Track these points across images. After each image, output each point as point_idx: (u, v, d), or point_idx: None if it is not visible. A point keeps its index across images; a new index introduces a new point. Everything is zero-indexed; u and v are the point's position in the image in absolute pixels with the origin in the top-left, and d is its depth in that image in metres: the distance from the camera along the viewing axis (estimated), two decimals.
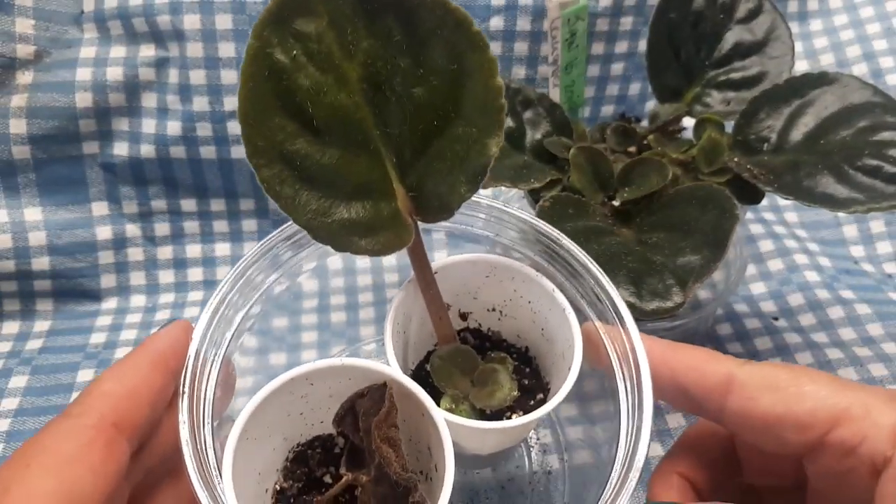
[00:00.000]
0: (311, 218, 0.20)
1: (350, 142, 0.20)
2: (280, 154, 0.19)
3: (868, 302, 0.42)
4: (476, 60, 0.19)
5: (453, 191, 0.21)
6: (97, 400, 0.18)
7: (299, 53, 0.19)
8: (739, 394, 0.19)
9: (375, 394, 0.21)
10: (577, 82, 0.41)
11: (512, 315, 0.28)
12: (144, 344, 0.20)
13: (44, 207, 0.43)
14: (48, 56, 0.42)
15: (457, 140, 0.20)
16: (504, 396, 0.24)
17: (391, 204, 0.21)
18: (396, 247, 0.21)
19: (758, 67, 0.38)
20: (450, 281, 0.25)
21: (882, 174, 0.31)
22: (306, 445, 0.25)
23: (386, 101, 0.20)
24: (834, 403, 0.18)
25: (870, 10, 0.52)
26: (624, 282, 0.28)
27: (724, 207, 0.31)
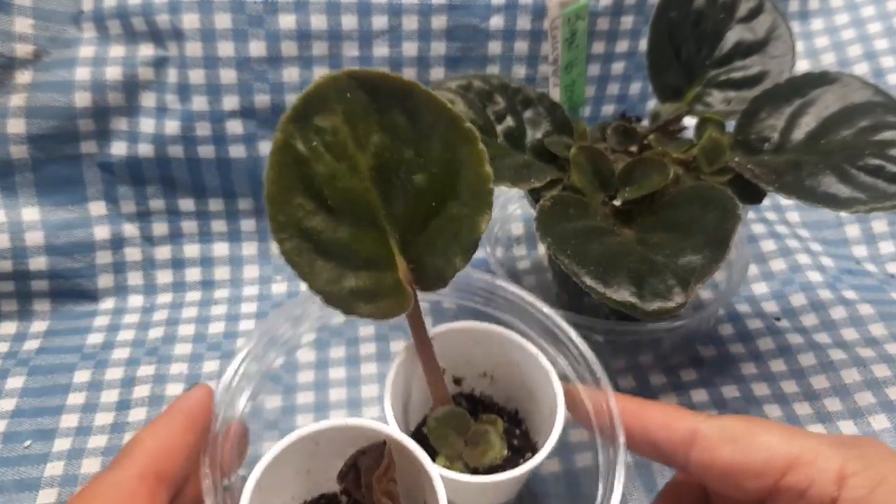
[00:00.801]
0: (325, 285, 0.23)
1: (360, 220, 0.23)
2: (299, 229, 0.23)
3: (871, 302, 0.42)
4: (468, 152, 0.23)
5: (448, 263, 0.24)
6: (140, 454, 0.21)
7: (318, 145, 0.22)
8: (702, 446, 0.22)
9: (376, 451, 0.23)
10: (577, 81, 0.41)
11: (502, 379, 0.30)
12: (175, 405, 0.23)
13: (41, 207, 0.42)
14: (47, 55, 0.42)
15: (452, 219, 0.23)
16: (495, 455, 0.26)
17: (393, 275, 0.24)
18: (397, 312, 0.24)
19: (759, 67, 0.38)
20: (444, 347, 0.28)
21: (884, 174, 0.31)
22: (312, 502, 0.27)
23: (392, 186, 0.23)
24: (786, 452, 0.20)
25: (871, 9, 0.52)
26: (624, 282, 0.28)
27: (725, 207, 0.30)
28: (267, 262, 0.47)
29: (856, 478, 0.19)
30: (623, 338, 0.38)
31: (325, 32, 0.44)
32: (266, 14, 0.43)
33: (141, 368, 0.39)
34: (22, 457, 0.34)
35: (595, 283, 0.28)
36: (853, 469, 0.19)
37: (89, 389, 0.38)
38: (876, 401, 0.36)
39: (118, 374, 0.39)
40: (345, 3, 0.44)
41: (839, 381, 0.37)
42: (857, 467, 0.19)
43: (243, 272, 0.46)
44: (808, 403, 0.36)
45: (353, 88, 0.22)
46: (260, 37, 0.43)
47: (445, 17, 0.45)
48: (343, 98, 0.22)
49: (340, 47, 0.45)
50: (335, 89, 0.22)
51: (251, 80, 0.44)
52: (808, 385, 0.37)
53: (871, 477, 0.19)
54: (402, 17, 0.44)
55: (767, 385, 0.38)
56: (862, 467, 0.19)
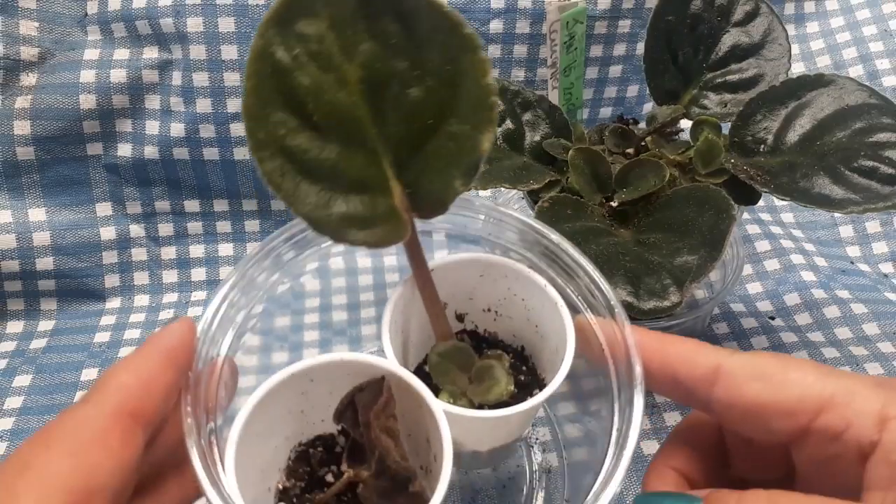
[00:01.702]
0: (311, 210, 0.21)
1: (348, 139, 0.21)
2: (281, 148, 0.20)
3: (864, 301, 0.42)
4: (469, 61, 0.20)
5: (447, 186, 0.21)
6: (114, 390, 0.19)
7: (301, 53, 0.20)
8: (727, 383, 0.20)
9: (374, 387, 0.22)
10: (575, 84, 0.41)
11: (507, 314, 0.28)
12: (153, 340, 0.20)
13: (48, 208, 0.43)
14: (52, 58, 0.43)
15: (451, 137, 0.21)
16: (501, 391, 0.24)
17: (388, 200, 0.22)
18: (393, 240, 0.22)
19: (754, 69, 0.38)
20: (446, 281, 0.26)
21: (878, 175, 0.31)
22: (308, 445, 0.25)
23: (383, 101, 0.21)
24: (819, 390, 0.18)
25: (866, 13, 0.53)
26: (621, 282, 0.29)
27: (720, 208, 0.31)
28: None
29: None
30: None
31: None
32: None
33: None
34: None
35: None
36: (895, 411, 0.17)
37: None
38: None
39: None
40: None
41: None
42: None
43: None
44: None
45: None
46: None
47: None
48: (330, 1, 0.20)
49: None
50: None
51: None
52: None
53: None
54: None
55: None
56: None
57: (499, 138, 0.37)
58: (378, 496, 0.21)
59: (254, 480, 0.22)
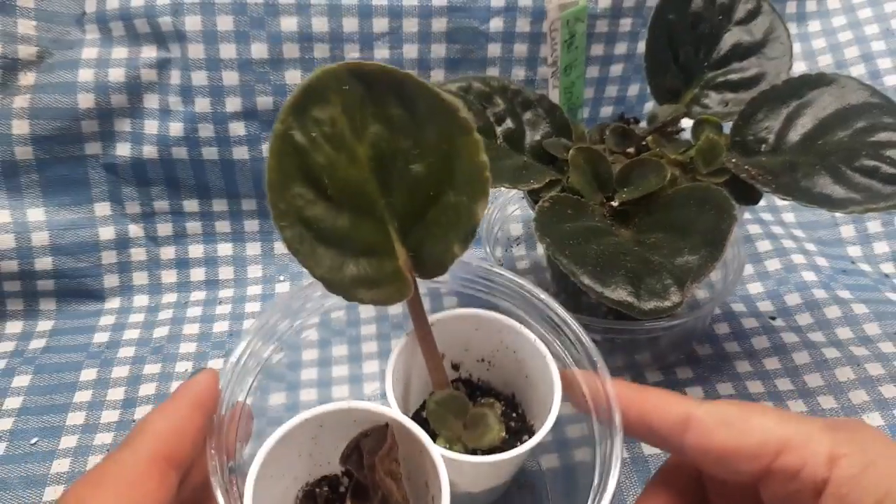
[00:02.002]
0: (326, 272, 0.23)
1: (359, 209, 0.24)
2: (300, 217, 0.23)
3: (865, 301, 0.42)
4: (464, 142, 0.23)
5: (447, 251, 0.24)
6: (151, 436, 0.21)
7: (317, 135, 0.23)
8: (697, 430, 0.22)
9: (378, 433, 0.24)
10: (576, 83, 0.41)
11: (499, 364, 0.30)
12: (182, 389, 0.23)
13: (46, 208, 0.43)
14: (50, 57, 0.43)
15: (449, 207, 0.24)
16: (493, 437, 0.27)
17: (393, 263, 0.24)
18: (397, 299, 0.25)
19: (756, 68, 0.38)
20: (444, 333, 0.28)
21: (879, 175, 0.31)
22: (314, 485, 0.27)
23: (390, 176, 0.24)
24: (778, 435, 0.21)
25: (868, 12, 0.53)
26: (622, 282, 0.29)
27: (721, 208, 0.31)
28: (270, 262, 0.47)
29: (846, 459, 0.20)
30: (620, 336, 0.38)
31: (326, 34, 0.44)
32: (268, 16, 0.43)
33: (146, 367, 0.40)
34: (28, 454, 0.35)
35: (593, 282, 0.28)
36: (844, 451, 0.20)
37: (95, 387, 0.38)
38: (870, 398, 0.36)
39: (124, 373, 0.39)
40: (346, 5, 0.44)
41: (833, 380, 0.38)
42: (848, 449, 0.20)
43: (247, 272, 0.47)
44: (802, 401, 0.37)
45: (351, 80, 0.22)
46: (262, 39, 0.44)
47: (445, 19, 0.45)
48: (341, 90, 0.22)
49: (341, 49, 0.45)
50: (333, 81, 0.22)
51: (253, 81, 0.44)
52: (803, 383, 0.38)
53: (860, 458, 0.20)
54: (403, 20, 0.45)
55: (762, 383, 0.38)
56: (852, 449, 0.20)
57: (499, 137, 0.37)
58: None
59: None
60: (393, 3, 0.44)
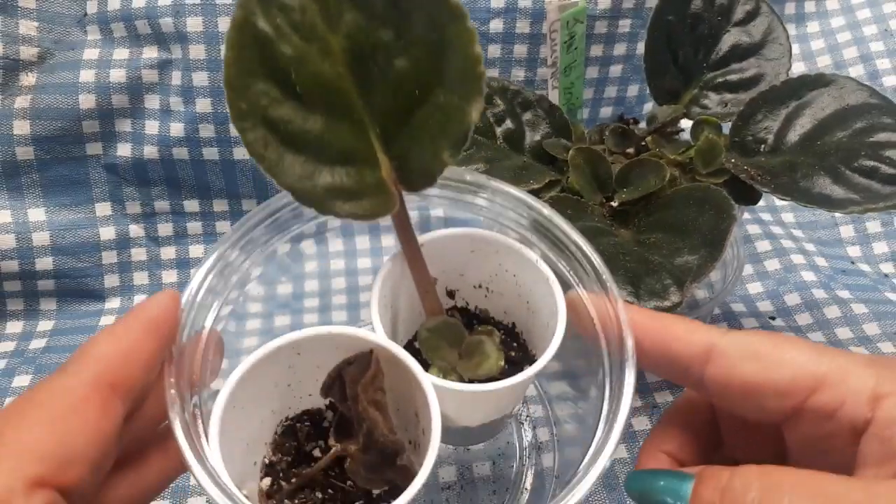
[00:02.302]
0: (296, 181, 0.20)
1: (334, 110, 0.21)
2: (264, 118, 0.20)
3: (864, 301, 0.42)
4: (456, 31, 0.20)
5: (435, 158, 0.21)
6: (93, 360, 0.18)
7: (283, 23, 0.19)
8: (720, 362, 0.20)
9: (362, 360, 0.21)
10: (575, 84, 0.41)
11: (498, 291, 0.28)
12: (135, 310, 0.20)
13: (47, 208, 0.43)
14: (52, 58, 0.43)
15: (438, 108, 0.21)
16: (491, 366, 0.24)
17: (375, 172, 0.21)
18: (381, 213, 0.22)
19: (755, 69, 0.38)
20: (436, 256, 0.25)
21: (878, 175, 0.31)
22: (295, 419, 0.24)
23: (369, 72, 0.20)
24: (813, 370, 0.18)
25: (867, 12, 0.53)
26: (622, 282, 0.29)
27: (721, 208, 0.31)
28: (271, 263, 0.47)
29: (891, 398, 0.17)
30: None
31: None
32: None
33: None
34: None
35: None
36: (888, 389, 0.18)
37: None
38: None
39: None
40: None
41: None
42: (893, 387, 0.18)
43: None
44: None
45: None
46: None
47: None
48: None
49: None
50: None
51: None
52: None
53: None
54: None
55: None
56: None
57: (499, 138, 0.37)
58: (365, 470, 0.21)
59: (239, 454, 0.22)
60: None
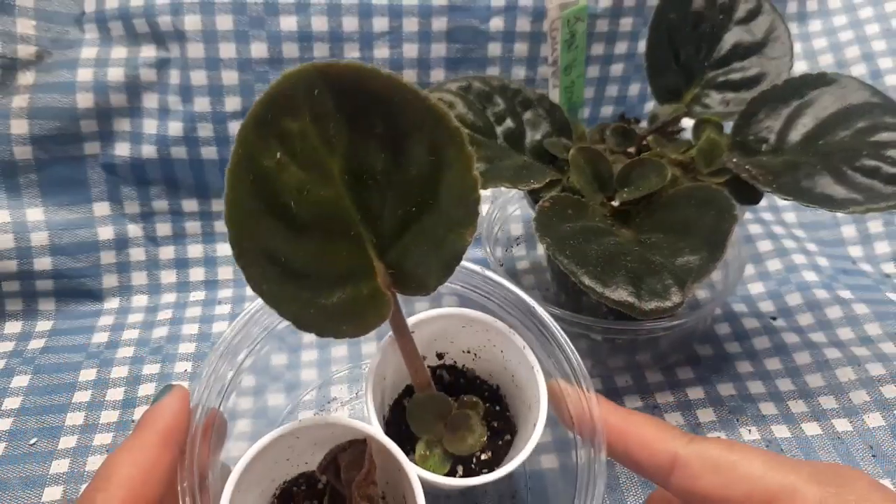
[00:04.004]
0: (296, 310, 0.21)
1: (331, 231, 0.21)
2: (264, 253, 0.20)
3: (866, 302, 0.42)
4: (454, 154, 0.20)
5: (430, 274, 0.22)
6: (118, 487, 0.20)
7: (282, 155, 0.20)
8: (683, 472, 0.22)
9: (356, 449, 0.24)
10: (576, 83, 0.41)
11: (485, 357, 0.30)
12: (149, 420, 0.22)
13: (45, 208, 0.43)
14: (49, 57, 0.43)
15: (434, 227, 0.21)
16: (475, 442, 0.26)
17: (371, 283, 0.22)
18: (376, 324, 0.22)
19: (757, 68, 0.38)
20: (429, 331, 0.28)
21: (880, 175, 0.31)
22: (291, 482, 0.27)
23: (367, 191, 0.21)
24: (765, 486, 0.21)
25: (869, 11, 0.52)
26: (623, 282, 0.28)
27: (722, 208, 0.31)
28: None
29: None
30: (621, 337, 0.38)
31: (326, 34, 0.44)
32: (267, 15, 0.43)
33: (145, 367, 0.40)
34: (27, 454, 0.35)
35: (594, 282, 0.28)
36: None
37: (94, 388, 0.38)
38: (871, 399, 0.36)
39: (123, 373, 0.39)
40: (346, 4, 0.44)
41: (834, 380, 0.38)
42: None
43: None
44: (803, 401, 0.37)
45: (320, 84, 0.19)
46: (261, 38, 0.44)
47: (446, 18, 0.45)
48: (310, 97, 0.19)
49: (341, 48, 0.45)
50: (302, 86, 0.19)
51: (253, 81, 0.44)
52: (804, 383, 0.38)
53: None
54: (403, 19, 0.45)
55: (763, 383, 0.38)
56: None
57: (499, 137, 0.37)
58: None
59: None
60: (393, 3, 0.44)
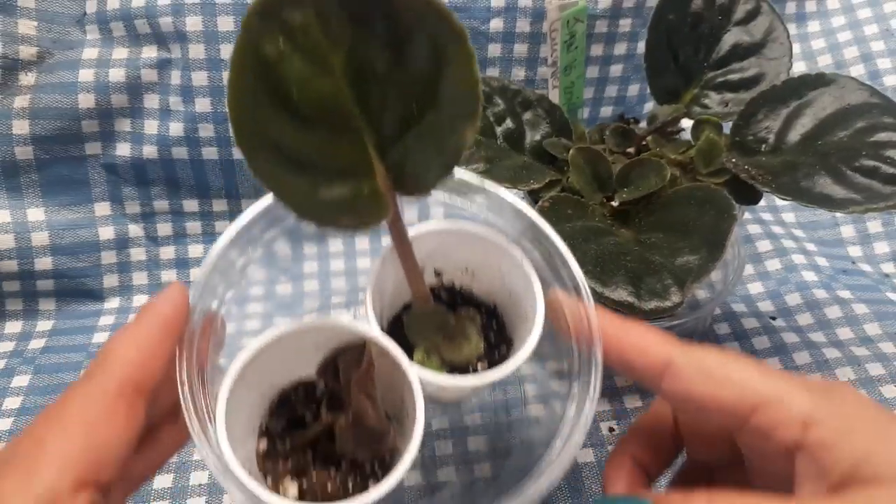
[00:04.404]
0: (298, 199, 0.21)
1: (333, 126, 0.21)
2: (267, 140, 0.20)
3: (866, 302, 0.42)
4: (455, 50, 0.20)
5: (430, 174, 0.22)
6: (117, 366, 0.20)
7: (286, 45, 0.20)
8: (675, 377, 0.22)
9: (355, 351, 0.24)
10: (576, 83, 0.41)
11: (483, 275, 0.29)
12: (149, 309, 0.21)
13: (46, 208, 0.43)
14: (51, 57, 0.43)
15: (434, 126, 0.21)
16: (471, 351, 0.26)
17: (371, 182, 0.22)
18: (375, 222, 0.23)
19: (756, 69, 0.38)
20: (427, 244, 0.27)
21: (879, 175, 0.31)
22: (291, 388, 0.27)
23: (368, 87, 0.21)
24: (755, 392, 0.20)
25: (868, 12, 0.53)
26: (622, 282, 0.29)
27: (721, 208, 0.31)
28: (272, 264, 0.47)
29: (821, 424, 0.19)
30: None
31: None
32: None
33: None
34: None
35: (593, 282, 0.28)
36: (820, 415, 0.19)
37: None
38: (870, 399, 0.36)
39: None
40: None
41: (834, 380, 0.38)
42: (824, 414, 0.19)
43: (248, 272, 0.46)
44: None
45: None
46: None
47: None
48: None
49: None
50: None
51: None
52: None
53: (837, 423, 0.19)
54: None
55: None
56: (829, 414, 0.19)
57: (499, 137, 0.37)
58: (353, 442, 0.23)
59: (240, 422, 0.24)
60: None
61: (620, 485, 0.24)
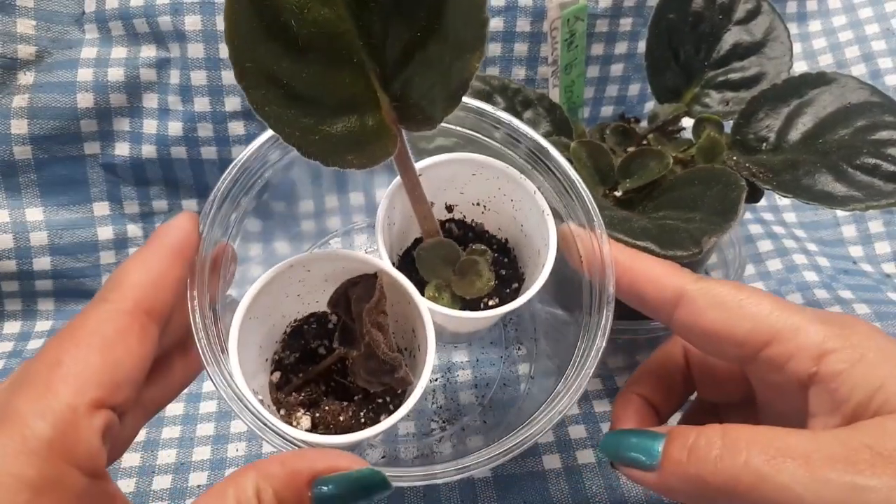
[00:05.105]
0: (300, 136, 0.20)
1: (334, 56, 0.20)
2: (267, 75, 0.20)
3: (867, 302, 0.42)
4: None
5: (436, 104, 0.21)
6: (129, 289, 0.20)
7: None
8: (688, 308, 0.21)
9: (367, 283, 0.24)
10: (576, 83, 0.41)
11: (495, 209, 0.29)
12: (160, 235, 0.21)
13: (45, 207, 0.43)
14: (49, 56, 0.43)
15: (439, 53, 0.20)
16: (482, 286, 0.26)
17: (376, 115, 0.21)
18: (382, 158, 0.22)
19: (756, 68, 0.38)
20: (438, 177, 0.27)
21: (880, 172, 0.31)
22: (302, 321, 0.27)
23: (369, 14, 0.20)
24: (769, 324, 0.20)
25: (868, 11, 0.53)
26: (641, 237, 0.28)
27: (727, 182, 0.31)
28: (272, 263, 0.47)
29: (835, 354, 0.19)
30: (621, 337, 0.38)
31: None
32: None
33: None
34: None
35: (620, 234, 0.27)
36: (833, 346, 0.19)
37: None
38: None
39: None
40: None
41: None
42: (837, 344, 0.19)
43: (249, 272, 0.46)
44: None
45: None
46: None
47: None
48: None
49: None
50: None
51: None
52: None
53: (851, 353, 0.19)
54: None
55: None
56: (842, 345, 0.19)
57: None
58: (365, 373, 0.23)
59: (253, 354, 0.24)
60: None
61: (629, 423, 0.24)
